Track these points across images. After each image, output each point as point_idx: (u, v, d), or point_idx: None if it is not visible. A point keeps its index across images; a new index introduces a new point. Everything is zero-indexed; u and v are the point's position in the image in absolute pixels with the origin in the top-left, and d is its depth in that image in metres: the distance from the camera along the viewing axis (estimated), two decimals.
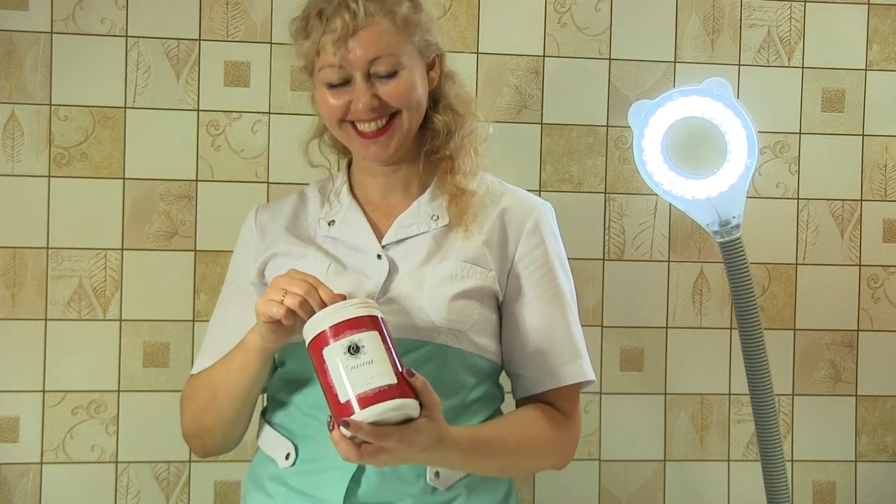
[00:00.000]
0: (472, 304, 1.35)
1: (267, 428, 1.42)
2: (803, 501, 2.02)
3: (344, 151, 1.51)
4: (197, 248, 1.89)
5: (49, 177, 1.86)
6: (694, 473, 2.00)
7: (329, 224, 1.42)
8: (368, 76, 1.33)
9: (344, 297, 1.22)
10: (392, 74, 1.33)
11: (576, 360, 1.40)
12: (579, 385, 1.41)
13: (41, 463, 1.87)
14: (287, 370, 1.40)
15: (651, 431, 1.99)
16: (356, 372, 1.13)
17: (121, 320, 1.88)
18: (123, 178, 1.88)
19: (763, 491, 1.77)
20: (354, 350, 1.14)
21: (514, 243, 1.40)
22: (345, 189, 1.45)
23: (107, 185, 1.87)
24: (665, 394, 2.00)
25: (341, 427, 1.11)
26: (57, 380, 1.86)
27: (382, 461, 1.16)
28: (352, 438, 1.13)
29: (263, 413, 1.46)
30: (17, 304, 1.86)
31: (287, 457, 1.36)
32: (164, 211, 1.88)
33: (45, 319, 1.86)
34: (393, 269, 1.36)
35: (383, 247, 1.38)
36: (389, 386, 1.13)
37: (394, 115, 1.35)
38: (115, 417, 1.88)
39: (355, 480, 1.30)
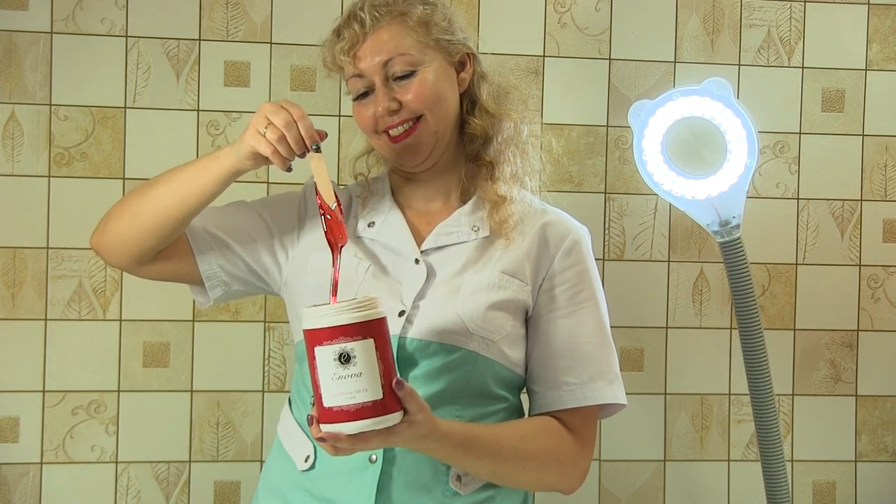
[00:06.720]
0: (506, 315, 1.35)
1: (291, 420, 1.41)
2: (803, 501, 2.02)
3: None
4: None
5: (49, 177, 1.86)
6: (694, 473, 2.00)
7: (369, 225, 1.42)
8: (387, 80, 1.34)
9: (324, 135, 1.25)
10: (409, 74, 1.34)
11: (593, 383, 1.37)
12: (594, 408, 1.39)
13: (41, 463, 1.87)
14: (308, 368, 1.39)
15: (651, 431, 1.99)
16: (343, 383, 1.11)
17: (121, 320, 1.88)
18: (123, 178, 1.88)
19: (763, 491, 1.77)
20: (345, 359, 1.12)
21: (550, 259, 1.39)
22: (386, 192, 1.46)
23: (107, 185, 1.87)
24: (665, 394, 1.99)
25: (322, 430, 1.13)
26: (57, 380, 1.86)
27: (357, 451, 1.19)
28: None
29: (290, 406, 1.45)
30: (17, 304, 1.86)
31: (306, 459, 1.35)
32: None
33: (45, 319, 1.86)
34: (431, 274, 1.36)
35: (422, 252, 1.38)
36: (374, 402, 1.12)
37: (419, 117, 1.36)
38: (115, 417, 1.88)
39: (381, 490, 1.29)
